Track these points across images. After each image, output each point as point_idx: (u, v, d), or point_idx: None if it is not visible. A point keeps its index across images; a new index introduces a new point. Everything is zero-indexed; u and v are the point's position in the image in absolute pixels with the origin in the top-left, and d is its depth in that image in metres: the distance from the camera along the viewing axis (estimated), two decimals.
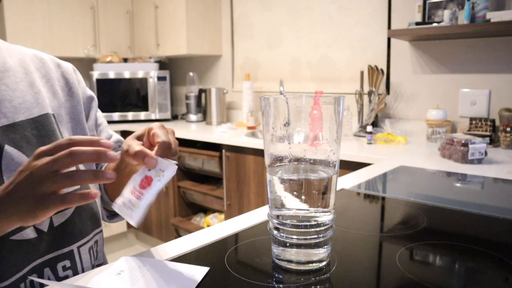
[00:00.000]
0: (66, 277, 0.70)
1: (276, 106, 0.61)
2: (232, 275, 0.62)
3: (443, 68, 2.11)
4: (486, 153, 1.48)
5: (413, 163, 1.49)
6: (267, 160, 0.64)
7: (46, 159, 0.51)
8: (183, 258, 0.68)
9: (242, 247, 0.74)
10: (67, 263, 0.70)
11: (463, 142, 1.47)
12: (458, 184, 1.23)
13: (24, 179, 0.51)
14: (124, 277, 0.61)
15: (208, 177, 2.73)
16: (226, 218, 2.47)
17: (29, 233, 0.65)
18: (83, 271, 0.73)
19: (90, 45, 3.21)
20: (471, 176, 1.30)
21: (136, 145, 0.61)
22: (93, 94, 0.86)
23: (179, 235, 2.72)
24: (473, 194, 1.13)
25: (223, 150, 2.36)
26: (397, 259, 0.66)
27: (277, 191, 0.62)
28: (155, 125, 0.66)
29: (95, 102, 0.86)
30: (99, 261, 0.80)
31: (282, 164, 0.62)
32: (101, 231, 0.80)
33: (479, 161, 1.48)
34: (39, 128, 0.70)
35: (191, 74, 3.26)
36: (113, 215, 0.89)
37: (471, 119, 1.96)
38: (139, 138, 0.68)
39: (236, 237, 0.78)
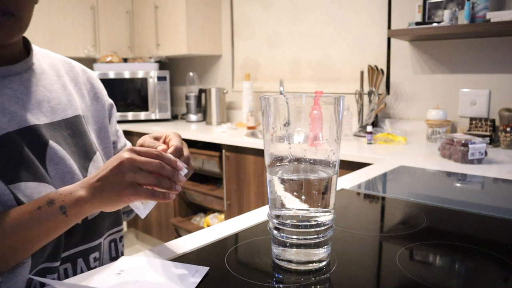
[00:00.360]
0: (95, 267, 0.74)
1: (276, 106, 0.61)
2: (232, 275, 0.62)
3: (443, 68, 2.11)
4: (486, 153, 1.48)
5: (413, 163, 1.49)
6: (267, 160, 0.64)
7: (140, 157, 0.61)
8: (183, 258, 0.68)
9: (242, 247, 0.74)
10: (97, 254, 0.75)
11: (463, 142, 1.47)
12: (458, 184, 1.23)
13: (117, 166, 0.60)
14: (124, 277, 0.61)
15: (208, 177, 2.73)
16: (226, 218, 2.47)
17: None
18: (103, 264, 0.78)
19: (90, 45, 3.21)
20: (471, 176, 1.30)
21: (159, 145, 0.72)
22: (112, 102, 0.91)
23: (179, 235, 2.72)
24: (473, 194, 1.13)
25: (223, 150, 2.36)
26: (397, 259, 0.66)
27: (277, 191, 0.62)
28: (172, 132, 0.75)
29: (115, 109, 0.91)
30: (118, 257, 0.84)
31: (282, 164, 0.62)
32: (122, 229, 0.85)
33: (479, 161, 1.48)
34: (73, 128, 0.74)
35: (191, 74, 3.26)
36: (127, 214, 0.94)
37: (471, 119, 1.96)
38: (156, 139, 0.76)
39: (236, 237, 0.78)
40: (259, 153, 2.17)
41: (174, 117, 3.47)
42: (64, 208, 0.60)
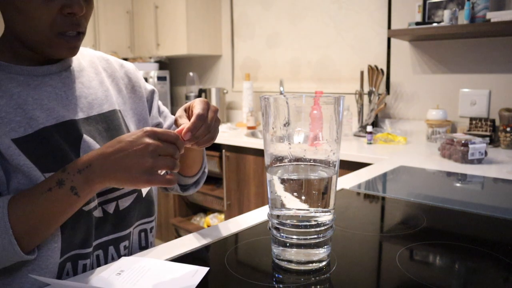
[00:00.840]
0: (126, 255, 0.78)
1: (276, 106, 0.61)
2: (232, 275, 0.62)
3: (443, 68, 2.11)
4: (486, 153, 1.48)
5: (413, 163, 1.49)
6: (267, 160, 0.64)
7: (159, 143, 0.61)
8: (183, 258, 0.68)
9: (242, 247, 0.74)
10: (127, 243, 0.79)
11: (463, 142, 1.47)
12: (458, 184, 1.23)
13: (139, 150, 0.60)
14: (124, 277, 0.61)
15: (208, 177, 2.73)
16: (226, 218, 2.47)
17: (98, 212, 0.73)
18: (132, 253, 0.81)
19: (90, 45, 3.21)
20: (471, 176, 1.30)
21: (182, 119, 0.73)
22: (153, 87, 0.95)
23: (179, 235, 2.72)
24: (473, 194, 1.13)
25: (223, 150, 2.36)
26: (397, 259, 0.66)
27: (277, 191, 0.62)
28: (198, 99, 0.74)
29: (156, 94, 0.94)
30: (147, 246, 0.86)
31: (282, 164, 0.62)
32: (155, 218, 0.87)
33: (479, 161, 1.48)
34: (108, 122, 0.78)
35: (191, 74, 3.26)
36: (185, 189, 0.97)
37: (471, 119, 1.96)
38: (185, 110, 0.77)
39: (236, 237, 0.78)
40: (259, 153, 2.17)
41: None
42: (75, 189, 0.61)
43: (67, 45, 0.69)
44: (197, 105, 0.71)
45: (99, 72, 0.82)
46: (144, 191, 0.82)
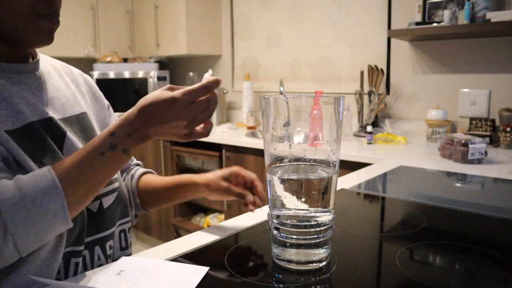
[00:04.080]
0: (111, 255, 0.79)
1: (276, 106, 0.61)
2: (232, 275, 0.62)
3: (443, 68, 2.11)
4: (486, 153, 1.48)
5: (413, 163, 1.49)
6: (267, 160, 0.64)
7: (196, 103, 0.65)
8: (183, 258, 0.68)
9: (242, 247, 0.74)
10: (111, 242, 0.79)
11: (463, 142, 1.47)
12: (458, 184, 1.23)
13: (181, 107, 0.63)
14: (124, 277, 0.61)
15: None
16: (226, 218, 2.47)
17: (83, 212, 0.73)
18: (114, 253, 0.81)
19: (90, 45, 3.21)
20: (471, 176, 1.30)
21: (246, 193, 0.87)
22: (108, 103, 0.95)
23: (179, 235, 2.72)
24: (473, 194, 1.13)
25: (223, 150, 2.36)
26: (397, 259, 0.66)
27: (277, 191, 0.62)
28: (236, 168, 0.89)
29: (111, 110, 0.95)
30: (127, 247, 0.87)
31: (282, 164, 0.62)
32: (130, 220, 0.88)
33: (479, 161, 1.48)
34: (81, 124, 0.79)
35: (191, 74, 3.26)
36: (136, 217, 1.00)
37: (471, 119, 1.96)
38: (226, 178, 0.89)
39: (236, 237, 0.78)
40: (259, 153, 2.17)
41: None
42: (127, 151, 0.65)
43: (46, 29, 0.69)
44: (245, 173, 0.89)
45: (63, 76, 0.83)
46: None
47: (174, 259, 0.68)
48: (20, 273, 0.63)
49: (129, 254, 0.86)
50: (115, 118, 0.94)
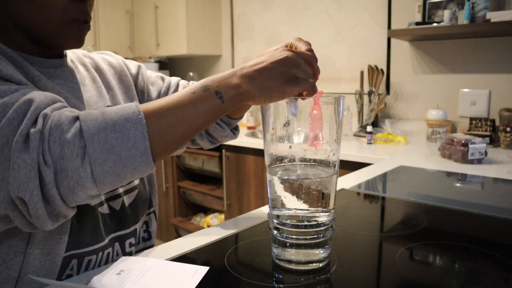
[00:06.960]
0: (131, 253, 0.79)
1: (276, 106, 0.61)
2: (232, 275, 0.62)
3: (443, 68, 2.11)
4: (486, 153, 1.48)
5: (413, 163, 1.49)
6: (267, 160, 0.64)
7: (301, 60, 0.62)
8: (183, 258, 0.68)
9: (242, 247, 0.74)
10: (133, 240, 0.79)
11: (463, 142, 1.47)
12: (458, 184, 1.23)
13: (282, 60, 0.60)
14: (124, 277, 0.61)
15: (208, 177, 2.73)
16: (226, 218, 2.47)
17: (105, 209, 0.74)
18: (137, 250, 0.82)
19: (90, 45, 3.21)
20: (471, 176, 1.30)
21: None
22: (137, 66, 0.93)
23: (179, 235, 2.72)
24: (473, 194, 1.13)
25: (223, 150, 2.36)
26: (397, 259, 0.66)
27: (277, 191, 0.62)
28: (294, 39, 0.73)
29: (142, 69, 0.94)
30: (151, 242, 0.88)
31: (282, 164, 0.62)
32: (154, 211, 0.89)
33: (479, 161, 1.48)
34: None
35: (191, 74, 3.26)
36: (226, 135, 0.91)
37: (471, 119, 1.96)
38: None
39: (236, 237, 0.78)
40: (259, 153, 2.17)
41: None
42: (220, 94, 0.59)
43: (77, 33, 0.68)
44: (299, 44, 0.70)
45: (89, 69, 0.82)
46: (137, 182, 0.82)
47: (174, 259, 0.68)
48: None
49: (151, 246, 0.87)
50: (145, 76, 0.93)
